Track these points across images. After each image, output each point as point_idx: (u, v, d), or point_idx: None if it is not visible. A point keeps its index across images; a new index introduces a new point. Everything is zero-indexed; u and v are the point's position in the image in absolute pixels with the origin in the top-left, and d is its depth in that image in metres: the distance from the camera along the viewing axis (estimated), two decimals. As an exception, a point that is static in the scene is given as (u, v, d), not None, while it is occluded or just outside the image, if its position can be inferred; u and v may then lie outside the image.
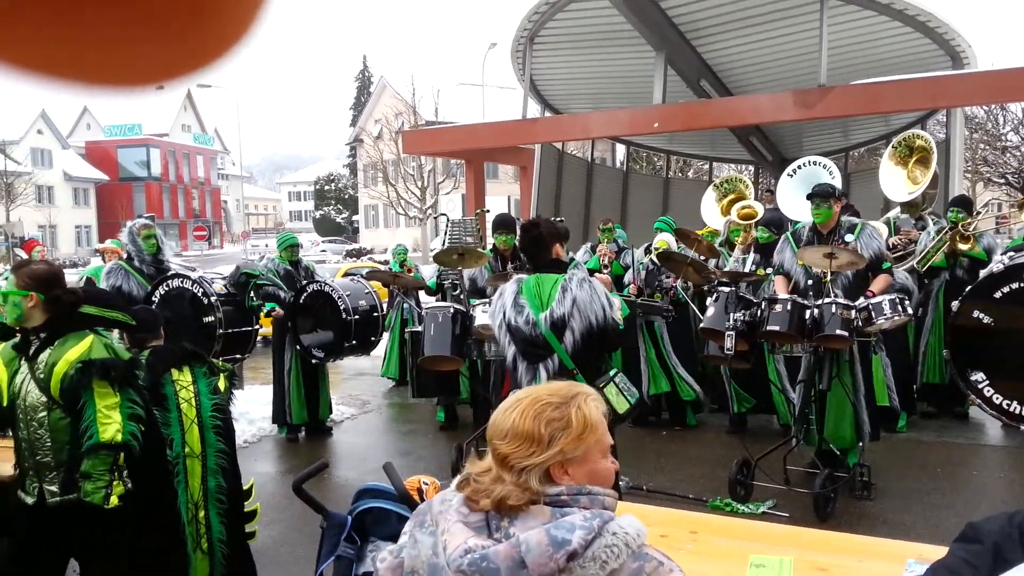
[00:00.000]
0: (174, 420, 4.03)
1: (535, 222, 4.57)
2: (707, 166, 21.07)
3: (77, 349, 3.13)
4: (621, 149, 22.41)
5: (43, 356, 3.15)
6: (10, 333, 3.33)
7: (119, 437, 3.11)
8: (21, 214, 42.43)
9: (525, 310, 4.14)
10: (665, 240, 7.45)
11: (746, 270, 6.84)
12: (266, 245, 47.59)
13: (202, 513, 4.12)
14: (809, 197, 5.53)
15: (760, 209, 8.28)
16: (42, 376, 3.13)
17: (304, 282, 7.27)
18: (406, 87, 37.84)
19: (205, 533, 4.14)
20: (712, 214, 9.23)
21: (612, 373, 4.37)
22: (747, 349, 5.55)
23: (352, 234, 57.46)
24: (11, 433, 3.32)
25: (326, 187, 64.37)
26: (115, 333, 3.86)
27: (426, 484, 2.62)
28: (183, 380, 4.10)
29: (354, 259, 35.70)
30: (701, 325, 5.87)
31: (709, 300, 5.79)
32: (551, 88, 14.92)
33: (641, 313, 7.13)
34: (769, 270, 6.40)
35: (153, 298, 6.11)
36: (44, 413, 3.16)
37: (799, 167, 7.86)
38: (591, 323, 4.08)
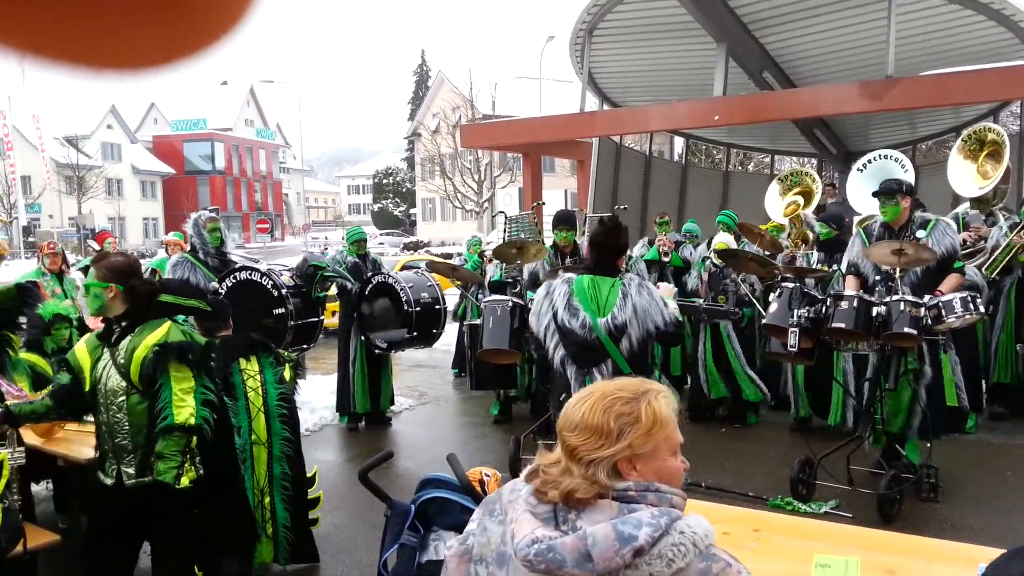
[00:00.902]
0: (242, 408, 4.15)
1: (620, 226, 4.48)
2: (768, 159, 20.70)
3: (155, 334, 3.23)
4: (679, 142, 22.14)
5: (123, 343, 3.27)
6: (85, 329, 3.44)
7: (192, 421, 3.19)
8: (92, 206, 43.93)
9: (580, 313, 4.05)
10: (724, 242, 7.34)
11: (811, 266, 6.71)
12: (326, 237, 48.40)
13: (267, 499, 4.24)
14: (875, 195, 5.39)
15: (802, 202, 8.10)
16: (122, 362, 3.25)
17: (370, 274, 7.38)
18: (464, 81, 38.04)
19: (270, 518, 4.25)
20: (776, 208, 9.05)
21: (655, 376, 4.34)
22: (811, 346, 5.45)
23: (409, 227, 58.01)
24: (93, 417, 3.46)
25: (384, 181, 65.08)
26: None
27: (488, 476, 2.65)
28: (251, 369, 4.21)
29: (411, 252, 36.06)
30: (764, 321, 5.78)
31: (772, 296, 5.70)
32: (609, 81, 14.83)
33: (707, 318, 7.04)
34: (834, 267, 6.27)
35: (220, 290, 6.26)
36: (123, 397, 3.27)
37: (870, 161, 7.64)
38: (649, 330, 4.04)
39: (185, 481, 3.22)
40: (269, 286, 6.34)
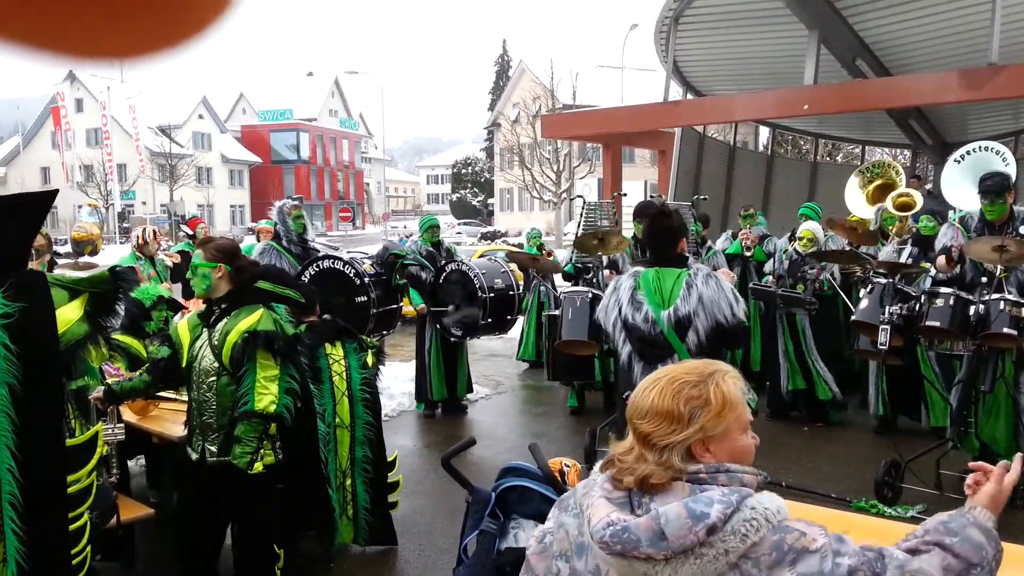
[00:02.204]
0: (327, 392, 4.24)
1: (666, 212, 4.27)
2: (858, 150, 20.02)
3: (248, 320, 3.34)
4: (764, 132, 21.62)
5: (220, 325, 3.39)
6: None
7: (272, 408, 3.28)
8: (183, 194, 45.59)
9: (644, 307, 3.89)
10: (810, 230, 7.12)
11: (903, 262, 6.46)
12: (404, 226, 49.13)
13: (349, 481, 4.33)
14: (983, 192, 5.07)
15: (919, 199, 7.77)
16: (216, 343, 3.37)
17: (444, 262, 7.45)
18: (545, 71, 37.95)
19: (351, 500, 4.34)
20: (856, 201, 8.71)
21: None
22: (902, 345, 5.25)
23: (487, 217, 58.36)
24: (186, 393, 3.60)
25: (463, 170, 65.61)
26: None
27: (567, 466, 2.65)
28: (335, 354, 4.30)
29: (488, 241, 36.28)
30: (853, 317, 5.58)
31: (863, 291, 5.51)
32: (694, 70, 14.57)
33: (782, 305, 6.86)
34: (929, 265, 6.03)
35: (304, 276, 6.42)
36: (214, 378, 3.39)
37: (968, 152, 7.26)
38: (717, 322, 3.81)
39: (259, 467, 3.32)
40: (351, 274, 6.46)
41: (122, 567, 4.11)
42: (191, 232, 10.50)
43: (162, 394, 4.47)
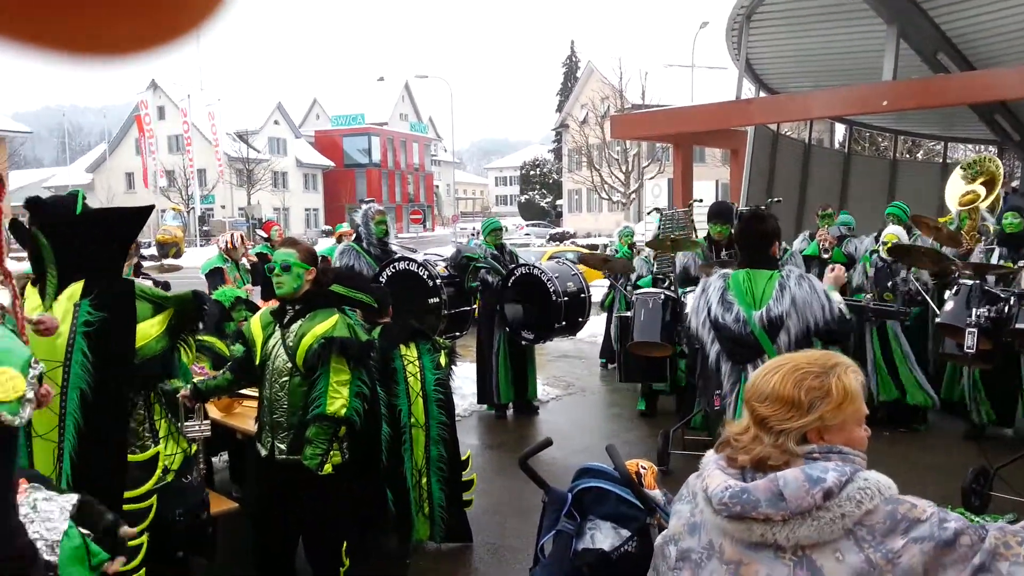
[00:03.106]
0: (402, 392, 4.32)
1: (762, 215, 4.28)
2: (940, 146, 19.34)
3: (324, 324, 3.41)
4: (840, 129, 21.08)
5: (295, 326, 3.48)
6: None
7: (342, 412, 3.35)
8: (259, 197, 46.84)
9: (734, 307, 3.91)
10: (894, 233, 6.90)
11: (993, 262, 6.21)
12: (473, 228, 49.44)
13: (424, 479, 4.39)
14: None
15: (983, 192, 7.46)
16: (291, 344, 3.45)
17: (513, 265, 7.48)
18: (613, 71, 37.73)
19: (427, 498, 4.41)
20: (955, 199, 8.39)
21: None
22: (990, 349, 5.06)
23: (555, 218, 58.31)
24: (258, 390, 3.70)
25: (531, 172, 65.71)
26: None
27: (644, 469, 2.63)
28: (410, 355, 4.37)
29: (557, 243, 36.23)
30: (937, 320, 5.41)
31: (948, 293, 5.33)
32: (767, 67, 14.31)
33: (874, 318, 6.67)
34: (1020, 263, 5.79)
35: (381, 278, 6.55)
36: (287, 377, 3.48)
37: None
38: (809, 324, 3.83)
39: (328, 468, 3.39)
40: (425, 276, 6.56)
41: (204, 560, 4.25)
42: (266, 235, 10.78)
43: (245, 392, 4.61)
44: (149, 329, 3.13)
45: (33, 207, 2.88)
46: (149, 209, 3.07)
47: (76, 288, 2.86)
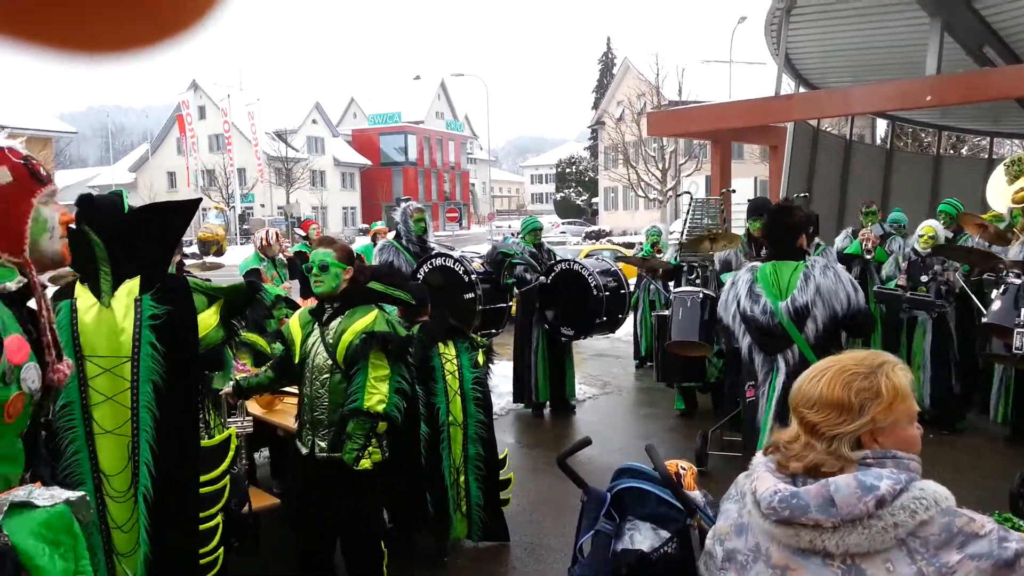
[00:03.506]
0: (440, 390, 4.33)
1: (788, 207, 4.32)
2: (986, 142, 18.91)
3: (363, 321, 3.44)
4: (882, 125, 20.73)
5: (334, 324, 3.50)
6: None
7: (380, 408, 3.36)
8: (298, 196, 47.32)
9: (761, 299, 3.97)
10: (931, 226, 6.77)
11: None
12: (509, 226, 49.43)
13: (462, 478, 4.41)
14: None
15: None
16: (331, 342, 3.47)
17: (552, 261, 7.48)
18: (649, 67, 37.46)
19: (465, 496, 4.42)
20: (1000, 197, 8.21)
21: None
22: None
23: (591, 216, 58.14)
24: (298, 388, 3.74)
25: (567, 170, 65.58)
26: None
27: (684, 469, 2.61)
28: (448, 353, 4.39)
29: (593, 241, 36.11)
30: (984, 319, 5.30)
31: (995, 292, 5.21)
32: (807, 62, 14.10)
33: (907, 308, 6.55)
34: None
35: (419, 274, 6.59)
36: (327, 375, 3.50)
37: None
38: (835, 311, 3.86)
39: (365, 463, 3.40)
40: (461, 272, 6.59)
41: (246, 554, 4.31)
42: (304, 233, 10.88)
43: (286, 389, 4.66)
44: (208, 319, 3.18)
45: (86, 204, 2.94)
46: (197, 202, 3.12)
47: (133, 284, 2.91)
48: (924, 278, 6.61)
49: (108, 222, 2.92)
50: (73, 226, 3.05)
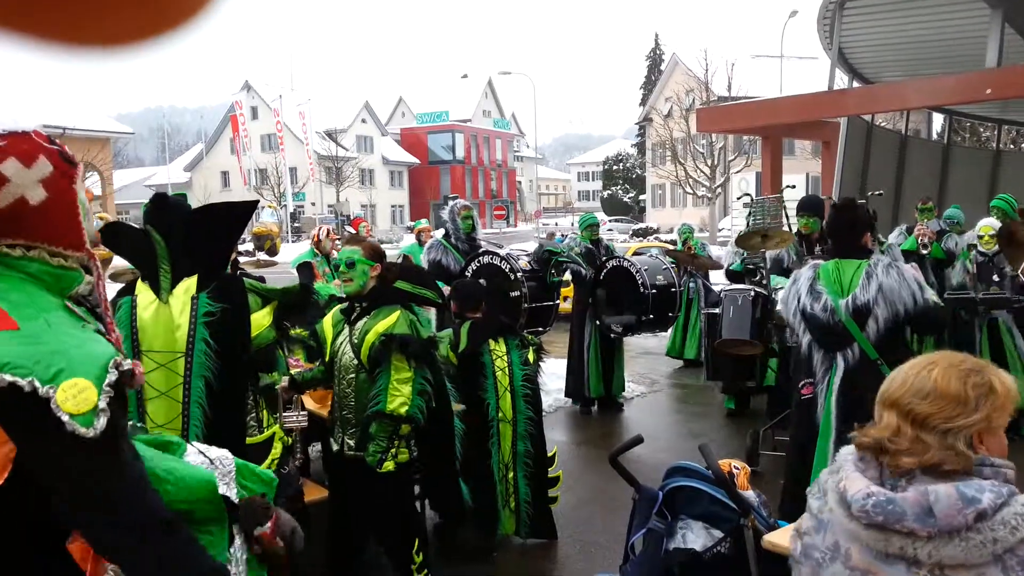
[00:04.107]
0: (490, 387, 4.36)
1: (851, 204, 4.27)
2: (1049, 136, 18.33)
3: (385, 322, 3.44)
4: (939, 120, 20.20)
5: (360, 324, 3.52)
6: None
7: (403, 410, 3.37)
8: (348, 195, 47.87)
9: (822, 296, 3.94)
10: (989, 225, 6.59)
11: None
12: (556, 223, 49.36)
13: (511, 474, 4.43)
14: None
15: None
16: (356, 342, 3.50)
17: (603, 259, 7.47)
18: (698, 63, 37.06)
19: (513, 493, 4.44)
20: None
21: None
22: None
23: (638, 213, 57.76)
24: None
25: (614, 167, 65.26)
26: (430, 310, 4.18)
27: (737, 469, 2.60)
28: (499, 350, 4.41)
29: (640, 238, 35.87)
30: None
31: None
32: (861, 56, 13.82)
33: (983, 310, 6.37)
34: None
35: (467, 272, 6.64)
36: (353, 375, 3.54)
37: None
38: (898, 311, 3.80)
39: (389, 465, 3.42)
40: (507, 269, 6.61)
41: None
42: (354, 231, 11.02)
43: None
44: (261, 320, 3.25)
45: (159, 203, 3.03)
46: (254, 204, 3.19)
47: (191, 282, 2.99)
48: (996, 277, 6.43)
49: (170, 222, 3.00)
50: (137, 225, 3.15)
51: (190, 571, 1.56)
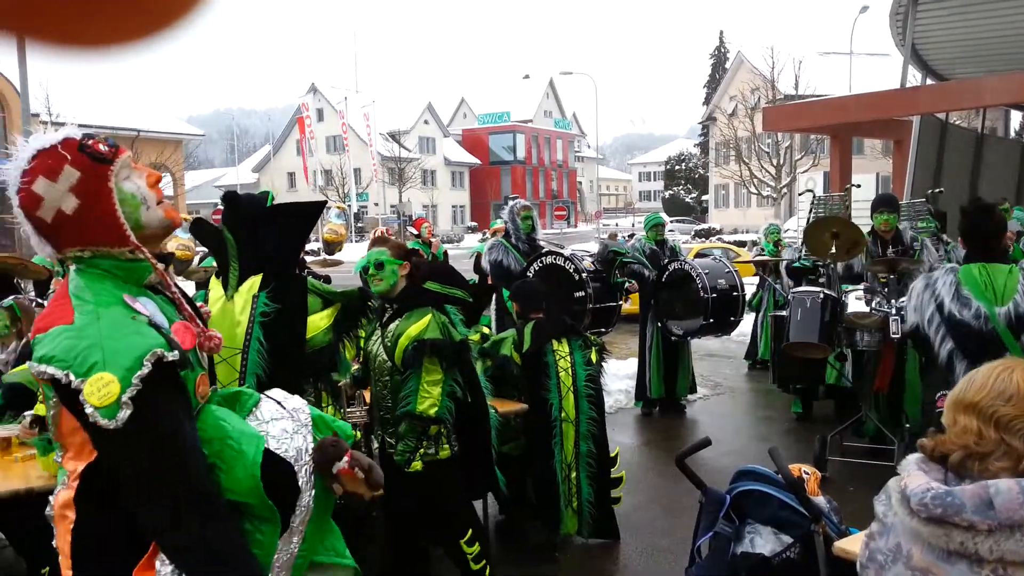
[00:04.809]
0: (553, 387, 4.36)
1: (990, 207, 4.09)
2: None
3: (417, 325, 3.45)
4: (1016, 117, 19.46)
5: (392, 326, 3.54)
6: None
7: (432, 411, 3.41)
8: (410, 195, 48.43)
9: (972, 303, 3.75)
10: None
11: None
12: (616, 224, 49.03)
13: (574, 474, 4.42)
14: None
15: None
16: (389, 344, 3.53)
17: (667, 261, 7.39)
18: (764, 60, 36.41)
19: (576, 493, 4.44)
20: None
21: None
22: None
23: (700, 214, 57.03)
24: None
25: (676, 167, 64.56)
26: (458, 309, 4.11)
27: (807, 474, 2.55)
28: (562, 351, 4.41)
29: (703, 239, 35.42)
30: None
31: None
32: (936, 52, 13.41)
33: None
34: None
35: (529, 272, 6.65)
36: (388, 376, 3.57)
37: None
38: None
39: (416, 465, 3.45)
40: (571, 270, 6.60)
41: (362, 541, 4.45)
42: (416, 232, 11.12)
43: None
44: (319, 322, 3.31)
45: (230, 201, 3.11)
46: (322, 204, 3.25)
47: (255, 281, 3.08)
48: None
49: (245, 220, 3.09)
50: (216, 220, 3.25)
51: (224, 560, 1.61)
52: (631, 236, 11.37)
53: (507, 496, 4.35)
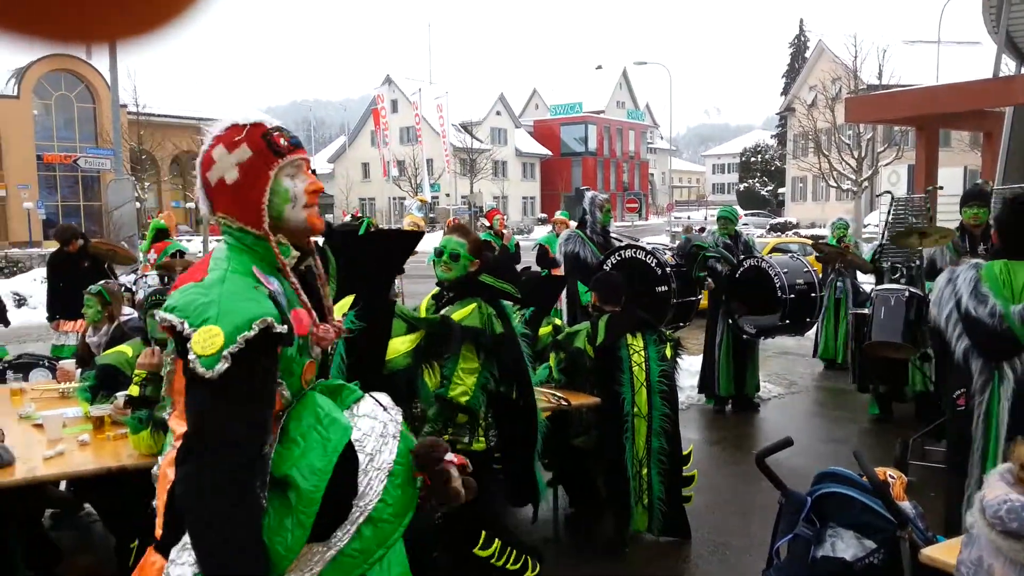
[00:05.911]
0: (626, 381, 4.33)
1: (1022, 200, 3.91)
2: None
3: (461, 313, 3.50)
4: (1121, 109, 18.41)
5: (444, 311, 3.58)
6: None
7: (463, 399, 3.44)
8: (481, 186, 48.66)
9: (989, 300, 3.59)
10: None
11: None
12: (688, 217, 48.35)
13: (645, 471, 4.39)
14: None
15: None
16: None
17: (741, 256, 7.25)
18: (846, 49, 35.28)
19: (646, 489, 4.40)
20: None
21: None
22: None
23: (776, 207, 55.78)
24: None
25: (752, 159, 63.27)
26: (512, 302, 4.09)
27: (892, 478, 2.48)
28: (636, 345, 4.38)
29: (778, 233, 34.63)
30: None
31: None
32: (1032, 40, 12.78)
33: None
34: None
35: (605, 265, 6.60)
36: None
37: None
38: None
39: None
40: (653, 264, 6.52)
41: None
42: (488, 224, 11.16)
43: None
44: (399, 346, 3.37)
45: (327, 231, 3.20)
46: (420, 235, 3.32)
47: (347, 300, 3.16)
48: None
49: (345, 243, 3.18)
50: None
51: (240, 547, 1.64)
52: (702, 230, 11.18)
53: (577, 490, 4.34)
